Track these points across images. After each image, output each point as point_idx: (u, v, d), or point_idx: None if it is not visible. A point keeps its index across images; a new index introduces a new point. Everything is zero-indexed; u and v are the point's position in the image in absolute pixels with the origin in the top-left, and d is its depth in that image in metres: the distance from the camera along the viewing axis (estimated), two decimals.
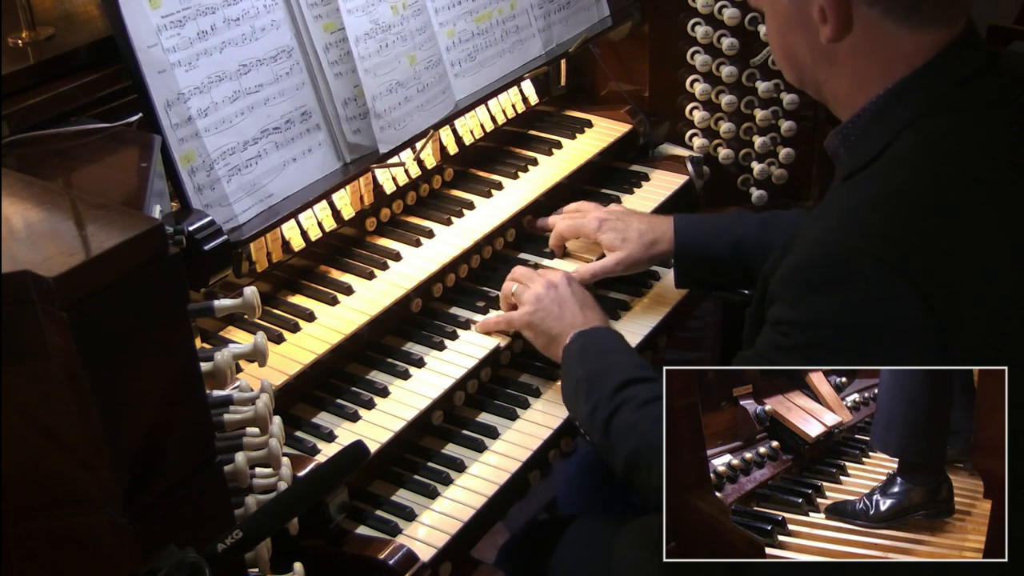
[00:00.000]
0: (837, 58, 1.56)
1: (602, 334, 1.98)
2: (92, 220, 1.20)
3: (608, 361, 1.89)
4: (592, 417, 1.82)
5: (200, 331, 1.95)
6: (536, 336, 2.05)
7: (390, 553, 1.71)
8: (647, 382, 1.80)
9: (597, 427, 1.80)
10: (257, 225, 1.89)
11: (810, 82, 1.65)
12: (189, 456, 1.28)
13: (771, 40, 1.68)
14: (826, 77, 1.61)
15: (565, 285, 2.07)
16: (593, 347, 1.94)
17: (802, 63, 1.63)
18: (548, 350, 2.04)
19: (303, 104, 2.02)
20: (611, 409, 1.78)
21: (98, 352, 1.13)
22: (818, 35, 1.55)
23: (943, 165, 1.47)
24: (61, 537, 1.26)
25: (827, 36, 1.53)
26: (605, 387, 1.81)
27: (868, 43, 1.52)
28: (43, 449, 1.21)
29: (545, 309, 2.03)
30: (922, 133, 1.49)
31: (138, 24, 1.74)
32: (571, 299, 2.04)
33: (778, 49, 1.67)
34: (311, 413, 1.95)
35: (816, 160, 2.82)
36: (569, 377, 1.93)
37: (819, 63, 1.59)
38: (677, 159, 2.74)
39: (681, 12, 2.73)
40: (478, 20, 2.41)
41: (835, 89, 1.61)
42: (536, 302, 2.05)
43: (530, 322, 2.05)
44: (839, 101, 1.62)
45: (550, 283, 2.07)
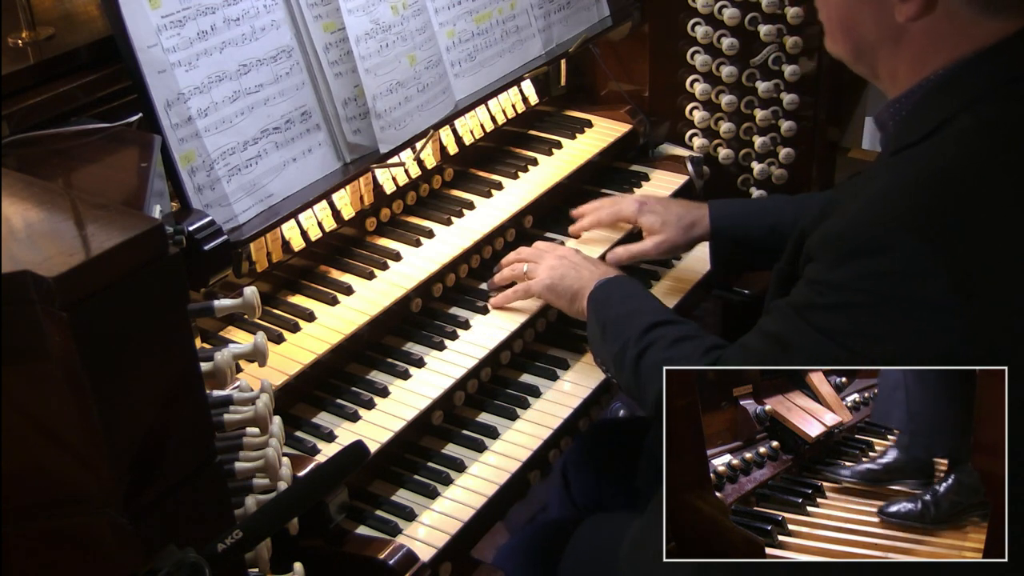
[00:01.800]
0: (904, 37, 1.55)
1: (625, 280, 2.05)
2: (92, 220, 1.20)
3: (635, 304, 1.94)
4: (621, 357, 1.86)
5: (200, 331, 1.95)
6: (558, 297, 2.10)
7: (390, 553, 1.71)
8: (675, 324, 1.86)
9: (627, 365, 1.84)
10: (257, 225, 1.89)
11: (866, 57, 1.63)
12: (189, 456, 1.28)
13: (828, 11, 1.65)
14: (886, 54, 1.59)
15: (574, 253, 2.16)
16: (618, 292, 2.00)
17: (863, 37, 1.61)
18: (573, 306, 2.08)
19: (303, 104, 2.02)
20: (641, 347, 1.82)
21: (98, 352, 1.13)
22: (891, 12, 1.53)
23: (995, 151, 1.47)
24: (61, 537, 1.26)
25: (907, 15, 1.52)
26: (634, 328, 1.86)
27: (944, 26, 1.52)
28: (43, 449, 1.21)
29: (563, 271, 2.11)
30: (978, 117, 1.49)
31: (138, 24, 1.74)
32: (585, 261, 2.13)
33: (837, 21, 1.64)
34: (311, 413, 1.95)
35: (816, 160, 2.82)
36: (595, 322, 1.97)
37: (883, 40, 1.58)
38: (677, 159, 2.74)
39: (681, 12, 2.73)
40: (478, 20, 2.41)
41: (893, 67, 1.60)
42: (552, 269, 2.12)
43: (550, 284, 2.11)
44: (893, 78, 1.61)
45: (560, 253, 2.16)
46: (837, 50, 1.68)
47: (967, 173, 1.46)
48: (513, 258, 2.24)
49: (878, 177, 1.55)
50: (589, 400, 2.09)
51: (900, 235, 1.42)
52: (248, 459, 1.52)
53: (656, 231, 2.29)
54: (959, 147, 1.48)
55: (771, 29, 2.65)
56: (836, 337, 1.46)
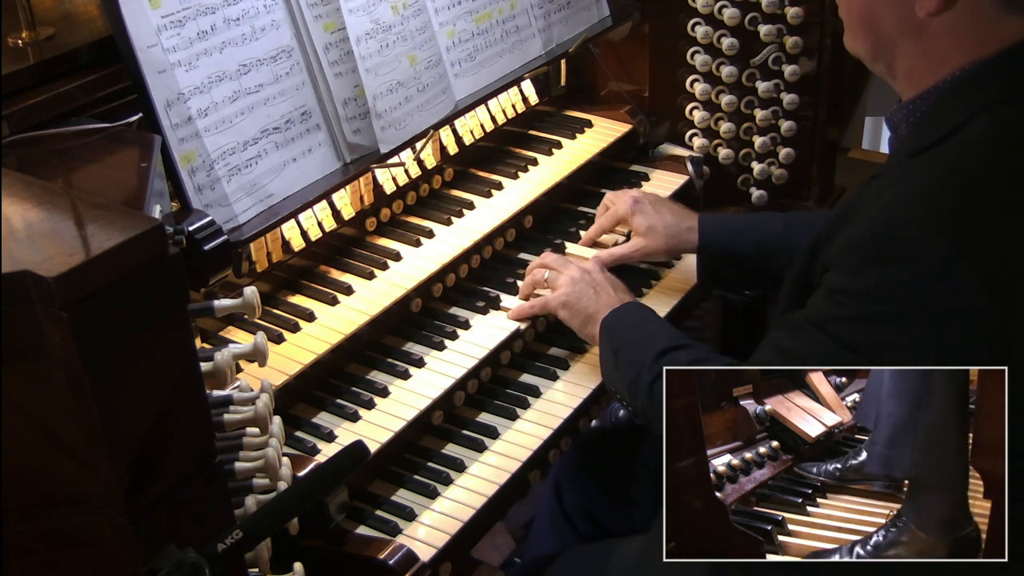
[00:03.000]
0: (925, 33, 1.54)
1: (637, 308, 2.05)
2: (92, 220, 1.20)
3: (647, 331, 1.95)
4: (635, 384, 1.86)
5: (200, 331, 1.95)
6: (572, 316, 2.09)
7: (390, 553, 1.71)
8: (688, 348, 1.87)
9: (641, 392, 1.85)
10: (257, 225, 1.89)
11: (885, 54, 1.62)
12: (189, 456, 1.28)
13: (849, 6, 1.64)
14: (905, 51, 1.58)
15: (598, 271, 2.15)
16: (630, 320, 2.00)
17: (883, 34, 1.60)
18: (584, 329, 2.08)
19: (303, 104, 2.02)
20: (655, 374, 1.82)
21: (98, 352, 1.13)
22: (912, 7, 1.52)
23: (1018, 153, 1.46)
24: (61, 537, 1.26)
25: (927, 10, 1.51)
26: (647, 354, 1.86)
27: (965, 22, 1.51)
28: (43, 449, 1.21)
29: (581, 291, 2.09)
30: (999, 118, 1.48)
31: (138, 24, 1.74)
32: (605, 282, 2.11)
33: (857, 16, 1.63)
34: (311, 413, 1.95)
35: (816, 160, 2.82)
36: (607, 350, 1.98)
37: (903, 36, 1.57)
38: (677, 159, 2.74)
39: (681, 12, 2.73)
40: (478, 20, 2.41)
41: (911, 65, 1.59)
42: (571, 284, 2.11)
43: (566, 302, 2.10)
44: (910, 77, 1.60)
45: (583, 269, 2.14)
46: (856, 47, 1.66)
47: (992, 176, 1.45)
48: (537, 263, 2.22)
49: (898, 180, 1.52)
50: (589, 400, 2.09)
51: (926, 240, 1.39)
52: (248, 459, 1.52)
53: (642, 234, 2.29)
54: (983, 149, 1.46)
55: (771, 29, 2.65)
56: (861, 350, 1.43)
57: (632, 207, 2.32)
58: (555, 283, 2.13)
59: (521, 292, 2.23)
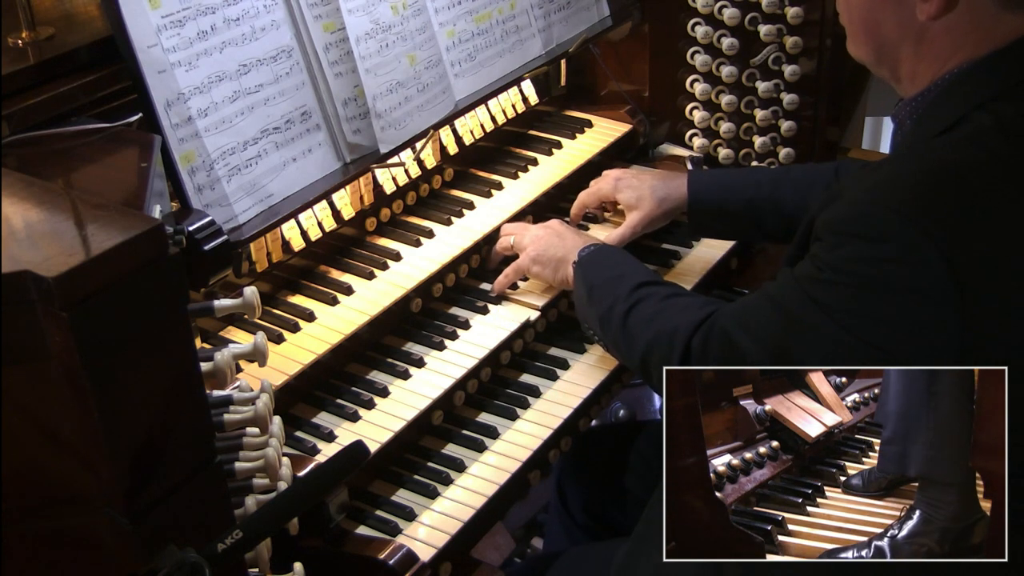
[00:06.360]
0: (926, 35, 1.55)
1: (610, 249, 2.09)
2: (92, 220, 1.20)
3: (623, 269, 1.98)
4: (608, 314, 1.89)
5: (200, 331, 1.95)
6: (544, 267, 2.14)
7: (390, 553, 1.71)
8: (665, 284, 1.92)
9: (614, 322, 1.88)
10: (257, 225, 1.90)
11: (887, 58, 1.63)
12: (189, 456, 1.28)
13: (850, 12, 1.66)
14: (908, 54, 1.60)
15: (558, 223, 2.21)
16: (604, 259, 2.04)
17: (885, 38, 1.61)
18: (557, 275, 2.13)
19: (303, 104, 2.02)
20: (630, 303, 1.86)
21: (98, 352, 1.13)
22: (913, 11, 1.54)
23: (1010, 150, 1.47)
24: (61, 537, 1.26)
25: (929, 13, 1.52)
26: (623, 287, 1.90)
27: (965, 22, 1.52)
28: (43, 449, 1.21)
29: (547, 242, 2.15)
30: (996, 115, 1.49)
31: (138, 24, 1.74)
32: (567, 230, 2.18)
33: (859, 22, 1.65)
34: (311, 413, 1.95)
35: (816, 160, 2.82)
36: (582, 285, 2.01)
37: (905, 39, 1.58)
38: (677, 159, 2.75)
39: (681, 12, 2.73)
40: (478, 20, 2.41)
41: (913, 67, 1.60)
42: (536, 240, 2.17)
43: (536, 257, 2.15)
44: (913, 78, 1.62)
45: (544, 225, 2.20)
46: (859, 52, 1.68)
47: (981, 171, 1.46)
48: (501, 233, 2.28)
49: (890, 165, 1.56)
50: (589, 400, 2.09)
51: (897, 225, 1.43)
52: (248, 459, 1.52)
53: (633, 206, 2.33)
54: (976, 145, 1.48)
55: (771, 29, 2.65)
56: (832, 313, 1.49)
57: (615, 185, 2.36)
58: (520, 245, 2.20)
59: (490, 263, 2.29)
